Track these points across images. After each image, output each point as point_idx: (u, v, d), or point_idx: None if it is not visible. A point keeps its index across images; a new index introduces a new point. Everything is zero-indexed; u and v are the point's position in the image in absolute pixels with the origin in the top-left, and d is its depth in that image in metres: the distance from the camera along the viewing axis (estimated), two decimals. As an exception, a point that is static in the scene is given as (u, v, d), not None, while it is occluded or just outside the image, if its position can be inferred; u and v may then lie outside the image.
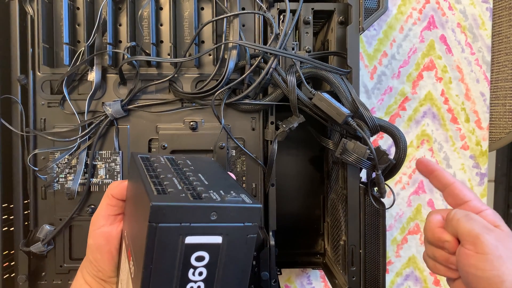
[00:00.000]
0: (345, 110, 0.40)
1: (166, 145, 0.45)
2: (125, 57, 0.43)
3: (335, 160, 0.49)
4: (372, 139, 0.42)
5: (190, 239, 0.25)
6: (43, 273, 0.46)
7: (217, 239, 0.26)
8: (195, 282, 0.26)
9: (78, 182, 0.45)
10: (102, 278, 0.36)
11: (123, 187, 0.35)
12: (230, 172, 0.46)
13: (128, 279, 0.30)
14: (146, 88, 0.45)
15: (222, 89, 0.42)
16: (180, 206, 0.25)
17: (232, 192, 0.28)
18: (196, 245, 0.25)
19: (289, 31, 0.42)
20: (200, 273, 0.26)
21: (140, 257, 0.25)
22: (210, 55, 0.45)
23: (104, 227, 0.35)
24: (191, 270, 0.26)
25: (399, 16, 0.64)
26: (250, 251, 0.27)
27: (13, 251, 0.45)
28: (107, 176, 0.45)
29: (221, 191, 0.28)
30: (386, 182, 0.42)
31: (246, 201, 0.27)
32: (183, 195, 0.27)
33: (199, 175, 0.32)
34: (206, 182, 0.31)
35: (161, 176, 0.30)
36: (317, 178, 0.56)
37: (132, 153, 0.37)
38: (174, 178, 0.30)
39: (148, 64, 0.45)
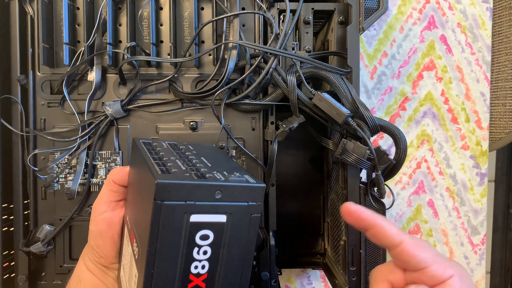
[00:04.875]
0: (345, 110, 0.40)
1: (166, 145, 0.45)
2: (125, 57, 0.43)
3: (335, 160, 0.49)
4: (372, 139, 0.42)
5: (195, 218, 0.25)
6: (43, 273, 0.46)
7: (222, 218, 0.26)
8: (200, 261, 0.26)
9: (78, 182, 0.45)
10: (104, 265, 0.36)
11: (124, 173, 0.35)
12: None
13: (131, 261, 0.30)
14: (146, 88, 0.45)
15: (222, 89, 0.42)
16: (185, 184, 0.25)
17: (235, 172, 0.28)
18: (201, 224, 0.26)
19: (289, 31, 0.42)
20: (205, 252, 0.26)
21: (145, 237, 0.25)
22: (210, 55, 0.45)
23: (106, 213, 0.35)
24: (196, 249, 0.26)
25: (399, 16, 0.64)
26: (254, 230, 0.27)
27: (13, 251, 0.45)
28: (107, 176, 0.45)
29: (224, 172, 0.28)
30: (386, 182, 0.42)
31: (250, 181, 0.27)
32: (187, 174, 0.27)
33: (202, 158, 0.32)
34: (209, 164, 0.31)
35: (164, 159, 0.30)
36: (317, 178, 0.56)
37: (134, 138, 0.37)
38: (177, 160, 0.30)
39: (148, 64, 0.45)
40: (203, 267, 0.26)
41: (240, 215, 0.26)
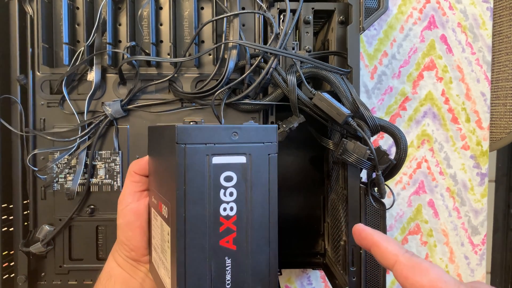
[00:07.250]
0: (346, 110, 0.40)
1: (166, 145, 0.45)
2: (125, 57, 0.43)
3: (336, 160, 0.49)
4: (372, 139, 0.42)
5: (216, 159, 0.27)
6: (43, 274, 0.46)
7: (242, 159, 0.28)
8: (228, 203, 0.27)
9: (78, 182, 0.45)
10: (135, 258, 0.36)
11: (144, 163, 0.37)
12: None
13: (162, 230, 0.30)
14: (146, 88, 0.45)
15: (222, 89, 0.42)
16: (203, 127, 0.27)
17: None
18: (223, 165, 0.27)
19: (289, 31, 0.42)
20: (231, 194, 0.28)
21: (173, 186, 0.26)
22: (210, 55, 0.45)
23: (132, 204, 0.36)
24: (222, 191, 0.27)
25: (400, 16, 0.64)
26: (273, 170, 0.29)
27: (12, 252, 0.45)
28: (107, 176, 0.45)
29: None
30: (387, 182, 0.42)
31: (261, 125, 0.29)
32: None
33: None
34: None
35: None
36: (317, 178, 0.56)
37: (149, 126, 0.38)
38: None
39: (148, 64, 0.45)
40: (231, 208, 0.27)
41: (258, 155, 0.28)
